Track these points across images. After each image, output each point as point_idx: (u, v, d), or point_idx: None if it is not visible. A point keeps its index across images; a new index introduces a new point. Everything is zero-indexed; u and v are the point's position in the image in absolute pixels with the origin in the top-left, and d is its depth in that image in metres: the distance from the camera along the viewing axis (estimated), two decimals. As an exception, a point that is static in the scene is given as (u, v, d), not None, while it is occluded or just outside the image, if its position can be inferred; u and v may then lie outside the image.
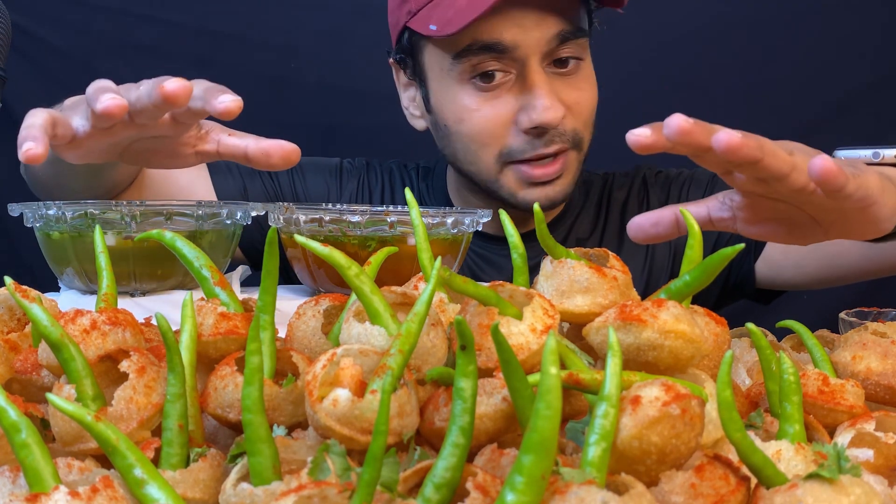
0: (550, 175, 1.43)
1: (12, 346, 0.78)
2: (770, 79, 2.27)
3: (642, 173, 1.65)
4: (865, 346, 0.77)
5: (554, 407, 0.48)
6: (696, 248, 0.72)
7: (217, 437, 0.68)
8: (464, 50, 1.37)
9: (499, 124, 1.41)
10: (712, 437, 0.62)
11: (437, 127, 1.50)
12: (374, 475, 0.50)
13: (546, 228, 0.72)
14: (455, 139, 1.46)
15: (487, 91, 1.40)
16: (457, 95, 1.42)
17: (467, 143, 1.44)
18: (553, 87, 1.39)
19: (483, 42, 1.36)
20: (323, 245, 0.67)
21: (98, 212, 1.09)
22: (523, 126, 1.39)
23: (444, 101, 1.45)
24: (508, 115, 1.40)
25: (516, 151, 1.42)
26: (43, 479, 0.53)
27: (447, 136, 1.47)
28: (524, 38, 1.36)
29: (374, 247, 1.10)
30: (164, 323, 0.60)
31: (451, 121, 1.45)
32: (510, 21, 1.34)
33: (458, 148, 1.46)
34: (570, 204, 1.60)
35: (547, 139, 1.40)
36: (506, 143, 1.42)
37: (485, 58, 1.37)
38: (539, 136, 1.40)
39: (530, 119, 1.38)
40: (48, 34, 2.26)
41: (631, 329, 0.63)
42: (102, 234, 0.77)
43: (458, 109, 1.43)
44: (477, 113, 1.41)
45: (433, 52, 1.44)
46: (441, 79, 1.44)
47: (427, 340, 0.64)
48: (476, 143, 1.43)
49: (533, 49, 1.37)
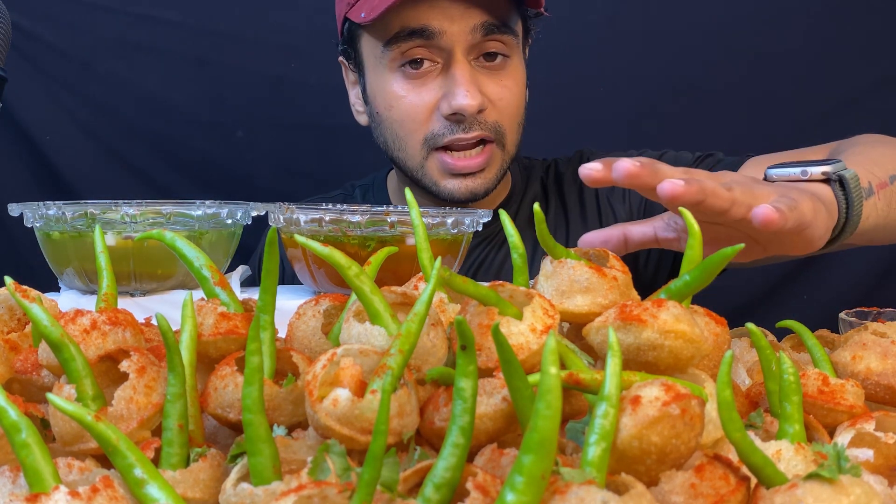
0: (473, 168, 1.48)
1: (12, 346, 0.78)
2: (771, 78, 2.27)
3: (586, 156, 1.69)
4: (865, 346, 0.77)
5: (554, 407, 0.48)
6: (696, 248, 0.72)
7: (217, 437, 0.68)
8: (393, 37, 1.45)
9: (423, 110, 1.48)
10: (712, 437, 0.62)
11: (372, 116, 1.57)
12: (374, 475, 0.50)
13: (546, 228, 0.72)
14: (386, 126, 1.53)
15: (416, 78, 1.48)
16: (387, 83, 1.50)
17: (396, 129, 1.51)
18: (475, 78, 1.46)
19: (411, 28, 1.44)
20: (323, 245, 0.67)
21: (98, 212, 1.09)
22: (444, 112, 1.46)
23: (377, 89, 1.53)
24: (433, 100, 1.48)
25: (438, 135, 1.47)
26: (43, 479, 0.53)
27: (380, 123, 1.54)
28: (450, 25, 1.43)
29: (374, 247, 1.10)
30: (164, 323, 0.60)
31: (382, 107, 1.52)
32: (437, 9, 1.43)
33: (389, 135, 1.53)
34: (514, 189, 1.66)
35: (465, 125, 1.46)
36: (429, 128, 1.48)
37: (413, 44, 1.45)
38: (458, 122, 1.46)
39: (449, 105, 1.45)
40: (48, 34, 2.26)
41: (631, 329, 0.63)
42: (102, 234, 0.77)
43: (389, 96, 1.50)
44: (405, 99, 1.49)
45: (368, 41, 1.51)
46: (375, 67, 1.52)
47: (427, 340, 0.64)
48: (404, 129, 1.50)
49: (458, 38, 1.44)
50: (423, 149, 1.49)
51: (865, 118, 2.21)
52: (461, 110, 1.43)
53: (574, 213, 1.63)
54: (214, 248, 1.16)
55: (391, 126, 1.51)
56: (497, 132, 1.49)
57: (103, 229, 0.96)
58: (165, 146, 2.34)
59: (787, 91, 2.27)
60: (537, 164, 1.71)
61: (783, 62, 2.27)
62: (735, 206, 0.84)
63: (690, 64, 2.27)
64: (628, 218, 1.61)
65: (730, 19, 2.28)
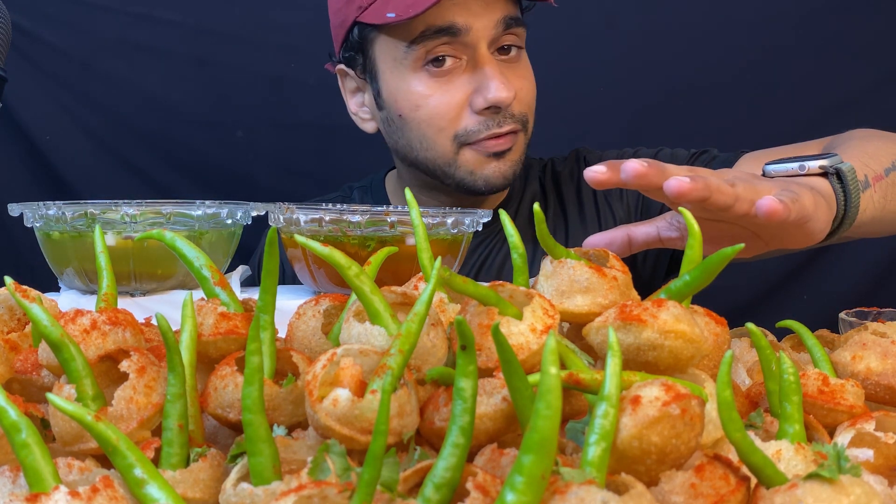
0: (503, 146, 1.49)
1: (12, 346, 0.78)
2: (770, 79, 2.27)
3: (583, 155, 1.70)
4: (865, 346, 0.77)
5: (554, 407, 0.48)
6: (696, 248, 0.72)
7: (217, 437, 0.68)
8: (419, 36, 1.44)
9: (453, 106, 1.47)
10: (712, 437, 0.62)
11: (390, 121, 1.55)
12: (374, 475, 0.50)
13: (546, 228, 0.72)
14: (411, 127, 1.51)
15: (440, 76, 1.47)
16: (411, 83, 1.48)
17: (424, 129, 1.50)
18: (503, 71, 1.47)
19: (437, 26, 1.43)
20: (323, 245, 0.67)
21: (98, 212, 1.09)
22: (478, 107, 1.46)
23: (397, 92, 1.51)
24: (462, 97, 1.47)
25: (472, 133, 1.47)
26: (43, 479, 0.53)
27: (401, 127, 1.53)
28: (474, 21, 1.44)
29: (373, 247, 1.10)
30: (164, 323, 0.60)
31: (407, 108, 1.50)
32: (460, 6, 1.43)
33: (414, 136, 1.52)
34: (512, 189, 1.66)
35: (500, 119, 1.47)
36: (461, 125, 1.48)
37: (437, 42, 1.45)
38: (493, 115, 1.46)
39: (485, 99, 1.44)
40: (48, 34, 2.26)
41: (631, 329, 0.63)
42: (102, 234, 0.77)
43: (414, 96, 1.49)
44: (432, 98, 1.47)
45: (386, 43, 1.49)
46: (394, 69, 1.50)
47: (427, 340, 0.64)
48: (433, 127, 1.49)
49: (482, 33, 1.45)
50: (453, 145, 1.49)
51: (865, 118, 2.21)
52: (499, 103, 1.44)
53: (572, 212, 1.63)
54: (214, 248, 1.16)
55: (418, 127, 1.50)
56: (523, 122, 1.51)
57: (103, 229, 0.96)
58: (165, 146, 2.34)
59: (786, 91, 2.27)
60: (534, 163, 1.72)
61: (782, 62, 2.27)
62: (739, 202, 0.85)
63: (689, 63, 2.27)
64: (626, 216, 1.62)
65: (729, 19, 2.28)
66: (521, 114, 1.50)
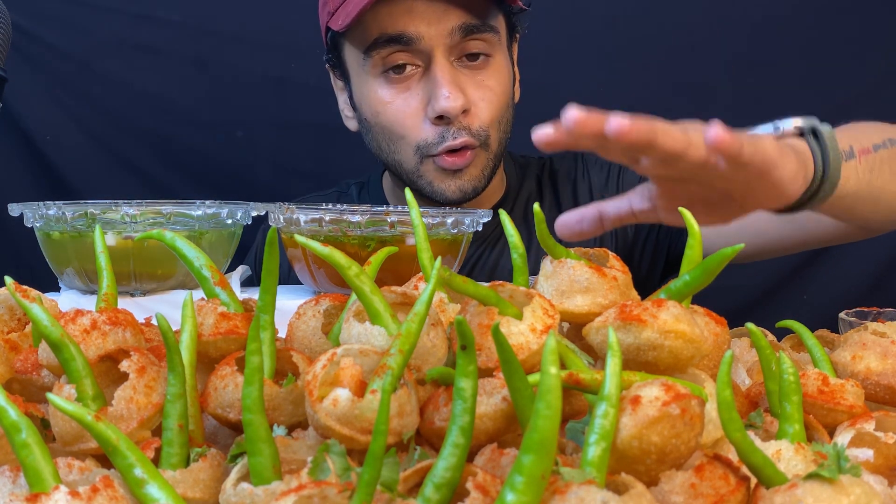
0: (459, 164, 1.47)
1: (12, 346, 0.78)
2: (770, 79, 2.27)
3: (581, 154, 1.68)
4: (865, 346, 0.77)
5: (554, 407, 0.48)
6: (696, 247, 0.73)
7: (217, 437, 0.68)
8: (372, 44, 1.44)
9: (410, 115, 1.47)
10: (712, 437, 0.62)
11: (361, 122, 1.56)
12: (374, 475, 0.50)
13: (546, 228, 0.72)
14: (376, 131, 1.52)
15: (399, 83, 1.47)
16: (371, 89, 1.49)
17: (388, 134, 1.50)
18: (456, 79, 1.45)
19: (388, 35, 1.43)
20: (323, 245, 0.67)
21: (98, 212, 1.09)
22: (429, 116, 1.45)
23: (362, 97, 1.52)
24: (418, 105, 1.46)
25: (431, 144, 1.46)
26: (43, 479, 0.53)
27: (369, 130, 1.54)
28: (427, 30, 1.42)
29: (374, 247, 1.10)
30: (165, 323, 0.60)
31: (370, 114, 1.51)
32: (414, 13, 1.42)
33: (380, 140, 1.52)
34: (509, 188, 1.65)
35: (453, 130, 1.45)
36: (420, 136, 1.47)
37: (392, 50, 1.44)
38: (446, 126, 1.45)
39: (433, 108, 1.43)
40: (48, 34, 2.26)
41: (631, 329, 0.63)
42: (102, 234, 0.77)
43: (374, 103, 1.49)
44: (391, 105, 1.48)
45: (349, 49, 1.51)
46: (359, 74, 1.51)
47: (427, 340, 0.64)
48: (394, 134, 1.49)
49: (437, 41, 1.43)
50: (416, 155, 1.48)
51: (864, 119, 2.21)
52: (445, 112, 1.42)
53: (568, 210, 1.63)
54: (214, 248, 1.16)
55: (382, 132, 1.51)
56: (481, 137, 1.47)
57: (103, 229, 0.96)
58: (165, 146, 2.34)
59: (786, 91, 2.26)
60: (533, 161, 1.72)
61: (782, 62, 2.27)
62: (692, 147, 0.79)
63: (689, 63, 2.27)
64: None
65: (728, 19, 2.28)
66: (481, 129, 1.46)
